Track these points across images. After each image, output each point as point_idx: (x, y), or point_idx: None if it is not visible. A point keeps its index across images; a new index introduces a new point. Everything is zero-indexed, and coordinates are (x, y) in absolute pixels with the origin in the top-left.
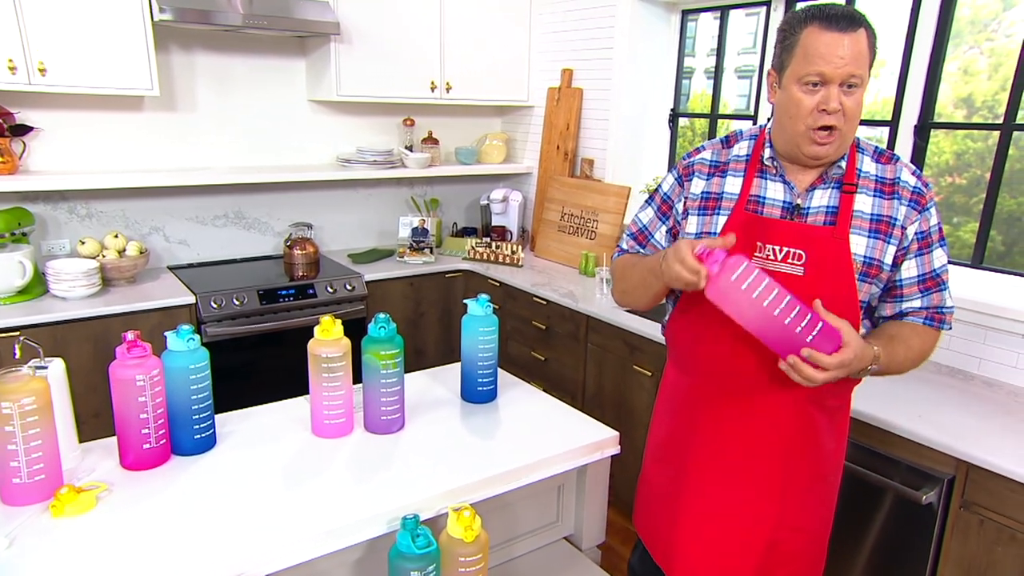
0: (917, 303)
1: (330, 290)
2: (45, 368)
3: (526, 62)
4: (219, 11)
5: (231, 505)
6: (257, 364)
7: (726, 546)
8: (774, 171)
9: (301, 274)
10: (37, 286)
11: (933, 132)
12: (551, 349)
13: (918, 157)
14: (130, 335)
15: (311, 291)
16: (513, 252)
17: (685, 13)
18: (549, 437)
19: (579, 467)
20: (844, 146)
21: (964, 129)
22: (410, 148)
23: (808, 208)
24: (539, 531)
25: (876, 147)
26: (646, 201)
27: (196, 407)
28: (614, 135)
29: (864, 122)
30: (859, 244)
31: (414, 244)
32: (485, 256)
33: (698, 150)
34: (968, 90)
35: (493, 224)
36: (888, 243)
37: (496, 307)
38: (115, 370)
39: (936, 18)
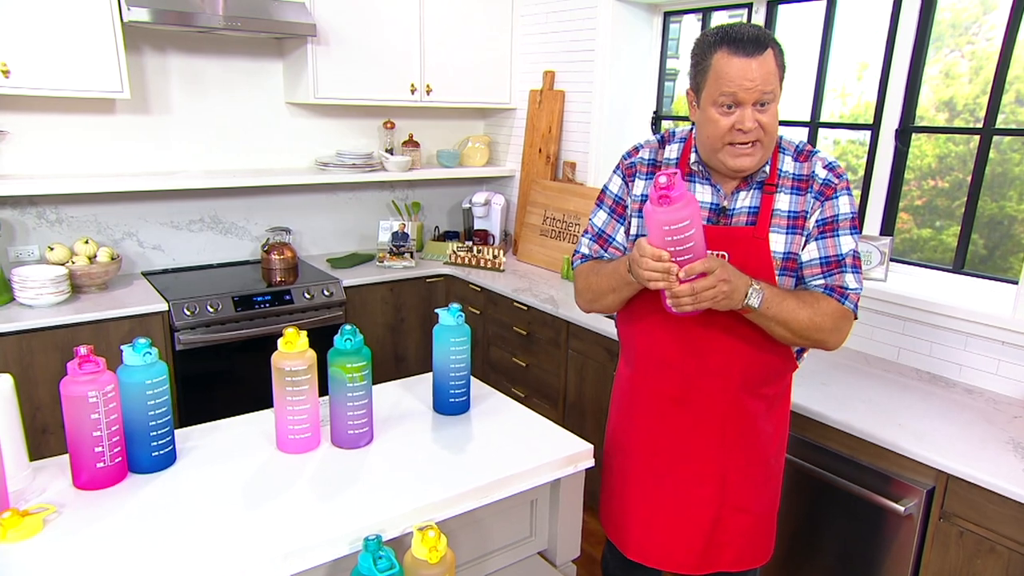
0: (820, 282)
1: (307, 296)
2: None
3: (508, 64)
4: (198, 13)
5: (186, 526)
6: (233, 372)
7: (673, 526)
8: (701, 175)
9: (279, 279)
10: (3, 293)
11: (915, 135)
12: (532, 355)
13: (899, 161)
14: (83, 349)
15: (288, 297)
16: (495, 256)
17: (667, 15)
18: (522, 450)
19: (553, 481)
20: (766, 156)
21: (945, 133)
22: (390, 151)
23: (733, 210)
24: (512, 547)
25: (797, 145)
26: (596, 204)
27: (154, 423)
28: (596, 138)
29: (845, 125)
30: (778, 242)
31: (394, 248)
32: (467, 260)
33: (636, 149)
34: (950, 93)
35: (475, 228)
36: (802, 236)
37: (477, 312)
38: (66, 386)
39: (916, 21)
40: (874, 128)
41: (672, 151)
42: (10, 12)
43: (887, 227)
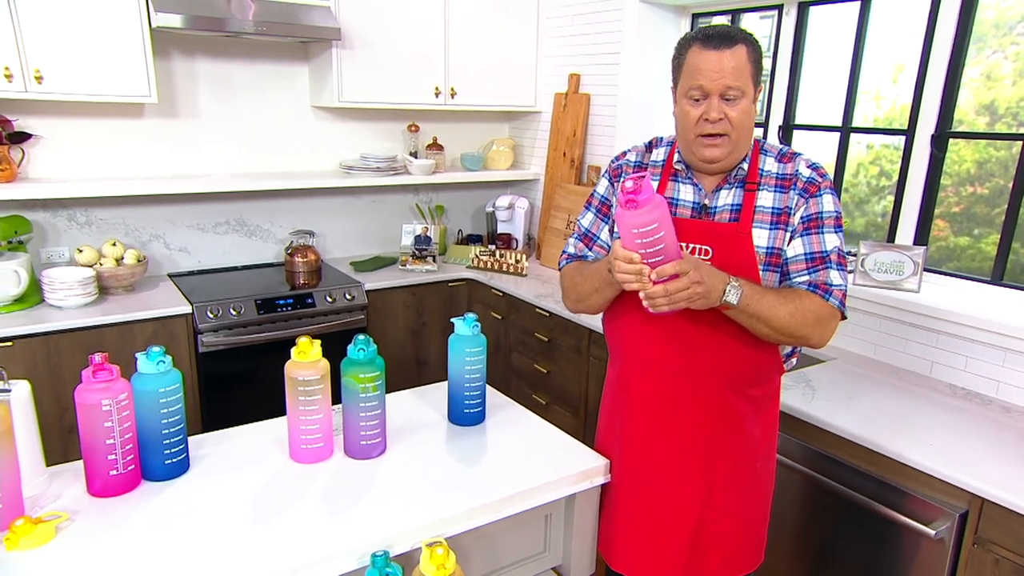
0: (804, 278)
1: (329, 300)
2: (8, 391)
3: (533, 67)
4: (229, 18)
5: (196, 537)
6: (255, 374)
7: (656, 529)
8: (684, 174)
9: (302, 282)
10: (34, 295)
11: (953, 140)
12: (553, 362)
13: (935, 167)
14: (97, 357)
15: (310, 300)
16: (517, 261)
17: (695, 16)
18: (536, 464)
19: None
20: (738, 152)
21: (983, 139)
22: (415, 154)
23: (715, 207)
24: (525, 562)
25: (781, 148)
26: (584, 207)
27: (167, 431)
28: (621, 142)
29: (878, 131)
30: (761, 237)
31: (417, 252)
32: (489, 265)
33: (624, 153)
34: (991, 96)
35: (499, 232)
36: (786, 231)
37: (499, 317)
38: (80, 394)
39: (956, 21)
40: (908, 134)
41: (659, 154)
42: (43, 20)
43: (921, 236)
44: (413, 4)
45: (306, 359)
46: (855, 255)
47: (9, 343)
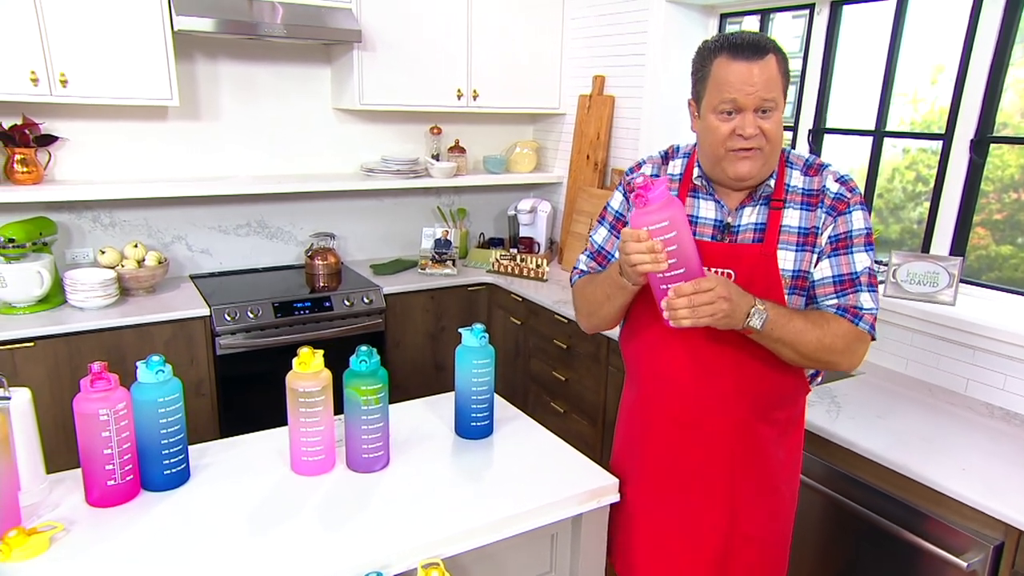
0: (832, 302)
1: (347, 303)
2: (8, 399)
3: (557, 68)
4: (259, 22)
5: (190, 550)
6: (273, 376)
7: (679, 556)
8: (705, 190)
9: (322, 285)
10: (57, 295)
11: (995, 144)
12: (572, 369)
13: (974, 174)
14: (96, 366)
15: (328, 304)
16: (538, 266)
17: (724, 16)
18: (543, 481)
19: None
20: (769, 166)
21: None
22: (437, 157)
23: (738, 226)
24: None
25: (807, 160)
26: (598, 221)
27: (166, 441)
28: (646, 145)
29: (913, 135)
30: (787, 259)
31: (436, 256)
32: (509, 269)
33: (639, 165)
34: None
35: (521, 235)
36: (813, 253)
37: (519, 323)
38: (78, 404)
39: (1000, 18)
40: (946, 138)
41: (676, 166)
42: (67, 24)
43: (958, 246)
44: (435, 6)
45: (307, 370)
46: (886, 265)
47: (31, 343)
